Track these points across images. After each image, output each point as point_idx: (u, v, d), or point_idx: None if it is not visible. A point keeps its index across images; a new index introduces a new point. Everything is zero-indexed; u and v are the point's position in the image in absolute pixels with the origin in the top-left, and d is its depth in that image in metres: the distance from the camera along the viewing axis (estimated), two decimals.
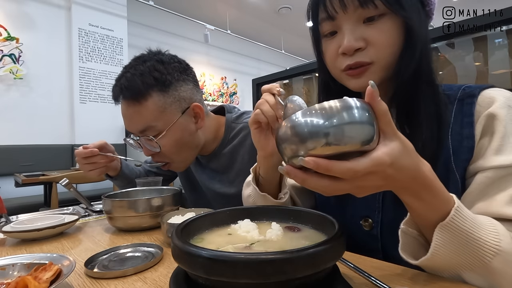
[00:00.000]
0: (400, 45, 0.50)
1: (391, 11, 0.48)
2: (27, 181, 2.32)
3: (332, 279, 0.37)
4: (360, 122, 0.32)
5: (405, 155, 0.34)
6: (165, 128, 0.75)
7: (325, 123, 0.31)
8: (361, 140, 0.31)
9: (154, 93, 0.73)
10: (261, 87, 0.54)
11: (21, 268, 0.47)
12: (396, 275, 0.43)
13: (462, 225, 0.36)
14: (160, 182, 0.95)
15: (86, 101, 3.62)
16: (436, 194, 0.37)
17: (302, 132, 0.32)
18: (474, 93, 0.50)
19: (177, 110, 0.77)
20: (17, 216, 0.87)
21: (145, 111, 0.73)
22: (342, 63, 0.52)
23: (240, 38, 5.52)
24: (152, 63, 0.75)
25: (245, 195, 0.65)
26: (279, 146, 0.36)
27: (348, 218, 0.60)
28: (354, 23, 0.49)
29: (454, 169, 0.49)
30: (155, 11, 4.37)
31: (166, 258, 0.54)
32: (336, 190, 0.34)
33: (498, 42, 1.06)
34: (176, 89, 0.77)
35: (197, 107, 0.80)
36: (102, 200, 0.75)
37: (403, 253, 0.41)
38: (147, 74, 0.73)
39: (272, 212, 0.50)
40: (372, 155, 0.32)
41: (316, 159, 0.31)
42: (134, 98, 0.73)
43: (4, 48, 3.10)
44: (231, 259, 0.30)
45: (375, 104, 0.33)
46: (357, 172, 0.31)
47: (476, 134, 0.48)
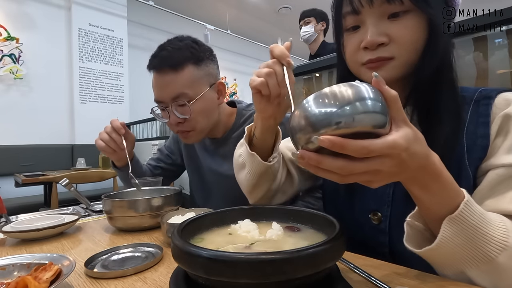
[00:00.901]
0: (422, 42, 0.50)
1: (417, 7, 0.48)
2: (27, 181, 2.32)
3: (332, 279, 0.37)
4: (376, 101, 0.31)
5: (417, 142, 0.34)
6: (195, 96, 0.86)
7: (338, 106, 0.31)
8: (377, 121, 0.31)
9: (190, 65, 0.85)
10: None
11: (21, 268, 0.47)
12: (396, 275, 0.43)
13: (471, 219, 0.36)
14: (160, 182, 0.96)
15: (86, 101, 3.62)
16: (444, 185, 0.37)
17: (315, 120, 0.32)
18: (491, 95, 0.50)
19: (206, 83, 0.89)
20: (17, 216, 0.87)
21: (180, 79, 0.84)
22: (363, 57, 0.52)
23: (240, 38, 5.52)
24: (189, 42, 0.89)
25: (236, 155, 0.65)
26: (293, 135, 0.35)
27: (357, 211, 0.60)
28: (378, 18, 0.50)
29: (467, 166, 0.49)
30: (155, 11, 4.37)
31: (166, 258, 0.54)
32: (351, 170, 0.33)
33: (498, 42, 1.06)
34: (206, 65, 0.89)
35: (221, 84, 0.93)
36: (102, 200, 0.75)
37: (408, 244, 0.41)
38: (185, 49, 0.86)
39: (273, 212, 0.50)
40: (387, 137, 0.32)
41: (330, 137, 0.30)
42: (172, 67, 0.84)
43: (4, 48, 3.11)
44: (231, 259, 0.30)
45: (384, 90, 0.33)
46: (371, 151, 0.31)
47: (492, 134, 0.48)
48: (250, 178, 0.62)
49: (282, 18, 5.33)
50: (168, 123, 0.89)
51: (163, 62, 0.84)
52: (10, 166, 3.04)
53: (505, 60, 1.04)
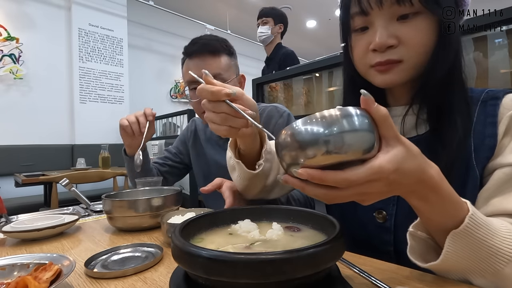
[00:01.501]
0: (432, 45, 0.49)
1: (427, 9, 0.47)
2: (27, 181, 2.32)
3: (332, 279, 0.37)
4: (360, 130, 0.31)
5: (409, 159, 0.33)
6: (227, 79, 0.99)
7: (325, 131, 0.31)
8: (362, 149, 0.31)
9: (225, 54, 1.00)
10: (261, 87, 0.54)
11: (21, 268, 0.47)
12: (396, 275, 0.43)
13: (476, 232, 0.36)
14: (160, 182, 0.95)
15: (86, 101, 3.62)
16: (444, 197, 0.36)
17: (301, 139, 0.32)
18: (498, 96, 0.51)
19: (234, 71, 1.04)
20: (17, 216, 0.87)
21: (218, 63, 0.98)
22: (372, 59, 0.51)
23: (240, 38, 5.52)
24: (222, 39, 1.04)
25: (227, 157, 0.63)
26: (279, 153, 0.35)
27: (361, 210, 0.60)
28: (387, 20, 0.49)
29: (474, 165, 0.49)
30: (155, 11, 4.37)
31: (166, 258, 0.54)
32: (335, 198, 0.33)
33: (498, 42, 1.06)
34: (235, 58, 1.06)
35: (243, 77, 1.09)
36: (102, 200, 0.75)
37: (411, 255, 0.40)
38: (221, 42, 1.01)
39: (273, 212, 0.50)
40: (369, 164, 0.32)
41: (309, 170, 0.31)
42: (211, 52, 0.97)
43: (4, 48, 3.10)
44: (231, 259, 0.30)
45: (373, 110, 0.32)
46: (352, 181, 0.31)
47: (499, 133, 0.48)
48: (241, 181, 0.61)
49: None
50: (198, 101, 0.96)
51: (203, 48, 0.97)
52: (10, 166, 3.04)
53: (505, 60, 1.04)
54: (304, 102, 1.98)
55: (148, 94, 4.63)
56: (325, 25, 5.66)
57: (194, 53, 0.97)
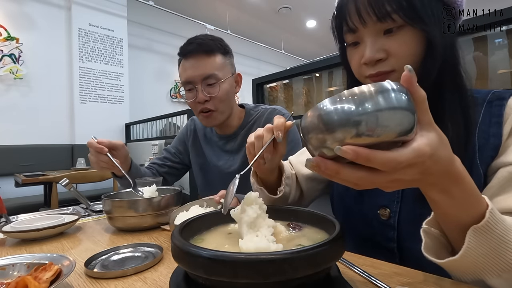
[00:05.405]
0: (421, 53, 0.51)
1: (408, 24, 0.49)
2: (27, 181, 2.32)
3: (332, 279, 0.37)
4: (400, 108, 0.28)
5: (442, 146, 0.32)
6: (222, 78, 0.99)
7: (358, 109, 0.27)
8: (401, 129, 0.28)
9: (219, 54, 1.00)
10: (261, 87, 0.55)
11: (21, 268, 0.47)
12: (396, 275, 0.43)
13: (496, 229, 0.35)
14: (160, 182, 0.95)
15: (86, 101, 3.62)
16: (466, 191, 0.35)
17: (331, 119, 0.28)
18: (504, 96, 0.51)
19: (230, 70, 1.03)
20: (17, 216, 0.87)
21: (212, 62, 0.98)
22: (366, 71, 0.53)
23: (240, 38, 5.52)
24: (216, 37, 1.04)
25: (251, 181, 0.67)
26: (305, 136, 0.32)
27: (365, 207, 0.61)
28: (374, 35, 0.51)
29: (478, 164, 0.49)
30: (155, 11, 4.37)
31: (166, 258, 0.54)
32: (372, 183, 0.31)
33: (498, 42, 1.06)
34: (230, 57, 1.05)
35: (239, 76, 1.09)
36: (102, 200, 0.75)
37: (427, 253, 0.39)
38: (216, 41, 1.02)
39: (273, 212, 0.50)
40: (413, 145, 0.29)
41: (355, 148, 0.27)
42: (206, 52, 0.98)
43: (4, 48, 3.11)
44: (231, 259, 0.30)
45: (414, 89, 0.30)
46: (400, 163, 0.29)
47: (504, 133, 0.49)
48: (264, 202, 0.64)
49: (282, 18, 5.33)
50: (194, 101, 0.99)
51: (198, 48, 0.98)
52: (10, 166, 3.04)
53: (505, 60, 1.04)
54: (304, 102, 1.98)
55: (148, 94, 4.63)
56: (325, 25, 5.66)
57: (189, 53, 0.98)
